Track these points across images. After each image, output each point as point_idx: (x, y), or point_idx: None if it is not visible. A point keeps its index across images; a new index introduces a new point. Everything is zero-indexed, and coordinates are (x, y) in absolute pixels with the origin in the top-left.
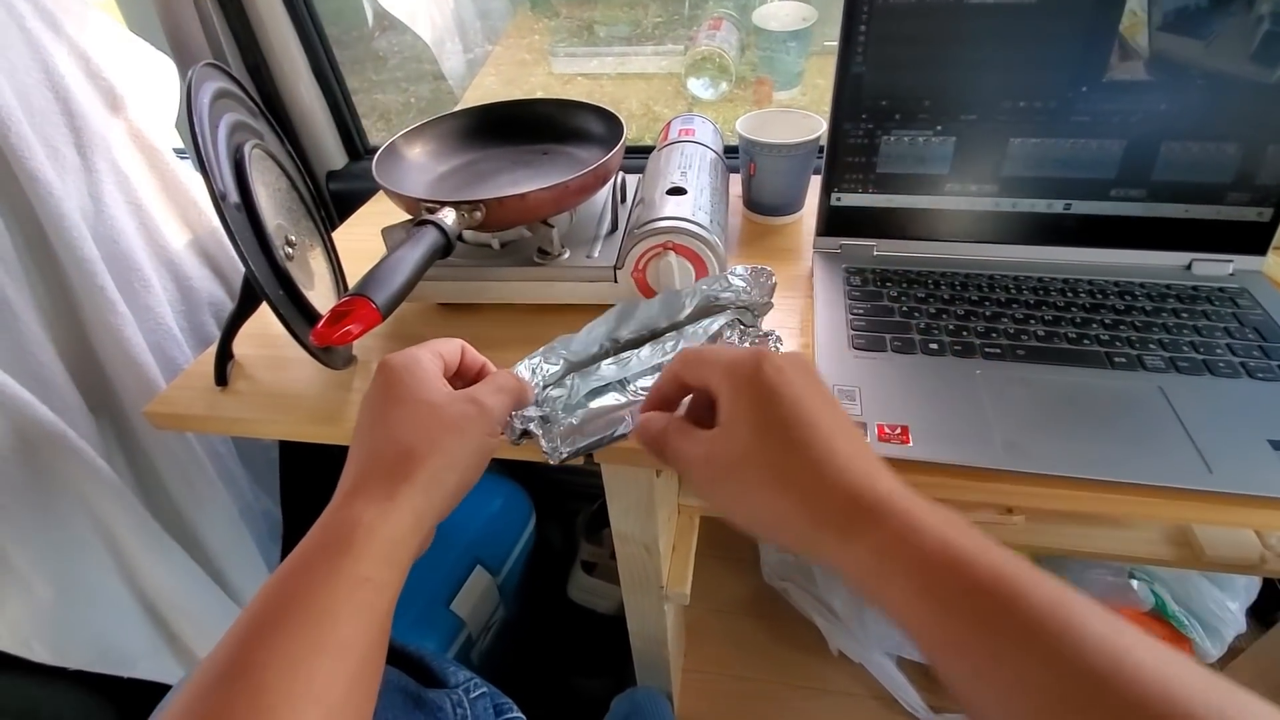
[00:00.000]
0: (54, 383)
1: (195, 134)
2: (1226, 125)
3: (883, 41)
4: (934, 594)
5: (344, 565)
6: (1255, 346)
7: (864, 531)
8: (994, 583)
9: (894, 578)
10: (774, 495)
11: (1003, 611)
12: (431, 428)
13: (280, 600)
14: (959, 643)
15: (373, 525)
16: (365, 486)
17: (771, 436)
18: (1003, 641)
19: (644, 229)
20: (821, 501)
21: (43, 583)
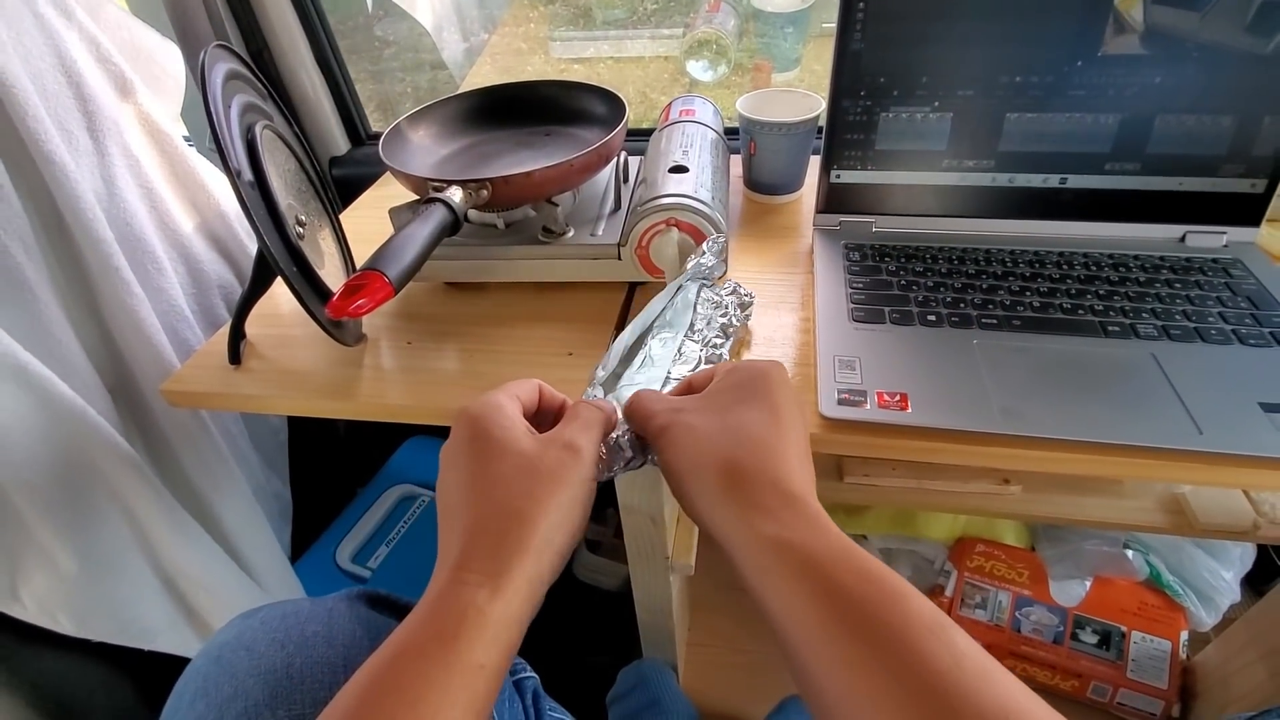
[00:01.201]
0: (73, 362)
1: (210, 112)
2: (1221, 98)
3: (881, 18)
4: (821, 579)
5: (456, 651)
6: (1247, 315)
7: (772, 514)
8: (879, 581)
9: (787, 558)
10: (705, 467)
11: (883, 607)
12: (532, 485)
13: (387, 685)
14: (834, 629)
15: (486, 607)
16: (472, 561)
17: (731, 417)
18: (877, 635)
19: (647, 206)
20: (744, 483)
21: (66, 557)
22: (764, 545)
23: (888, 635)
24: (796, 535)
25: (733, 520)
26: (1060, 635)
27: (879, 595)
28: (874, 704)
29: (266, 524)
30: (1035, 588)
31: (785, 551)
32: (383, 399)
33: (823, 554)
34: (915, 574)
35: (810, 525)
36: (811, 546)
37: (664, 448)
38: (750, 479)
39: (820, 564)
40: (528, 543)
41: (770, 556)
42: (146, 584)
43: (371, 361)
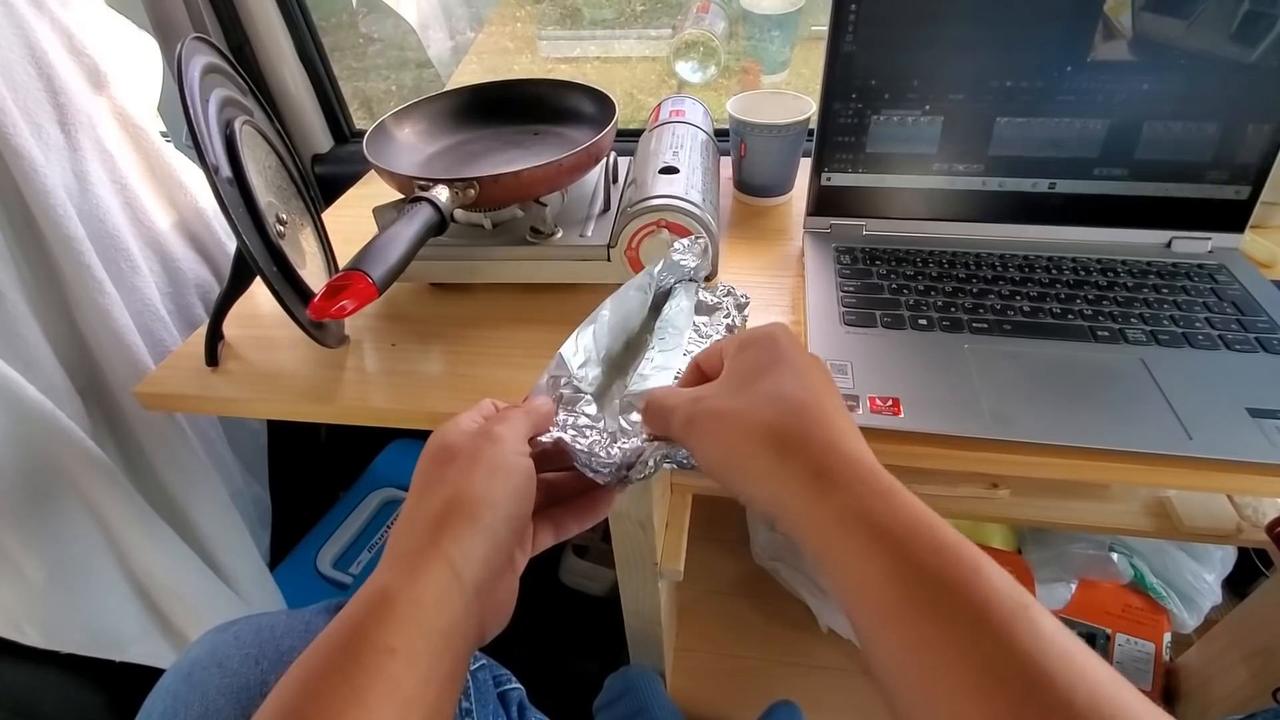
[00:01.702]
0: (41, 363)
1: (186, 106)
2: (1207, 105)
3: (873, 21)
4: (894, 552)
5: (366, 638)
6: (1233, 320)
7: (838, 484)
8: (955, 556)
9: (858, 531)
10: (749, 441)
11: (961, 584)
12: (452, 472)
13: (305, 686)
14: (909, 607)
15: (398, 589)
16: (394, 551)
17: (761, 387)
18: (957, 614)
19: (637, 207)
20: (797, 450)
21: (34, 565)
22: (831, 518)
23: (967, 616)
24: (865, 505)
25: (794, 493)
26: None
27: (955, 572)
28: (950, 689)
29: (244, 529)
30: None
31: (854, 524)
32: (366, 402)
33: (894, 526)
34: None
35: (878, 492)
36: (882, 518)
37: (696, 442)
38: (803, 445)
39: (892, 537)
40: (444, 525)
41: (838, 530)
42: (118, 593)
43: (354, 364)
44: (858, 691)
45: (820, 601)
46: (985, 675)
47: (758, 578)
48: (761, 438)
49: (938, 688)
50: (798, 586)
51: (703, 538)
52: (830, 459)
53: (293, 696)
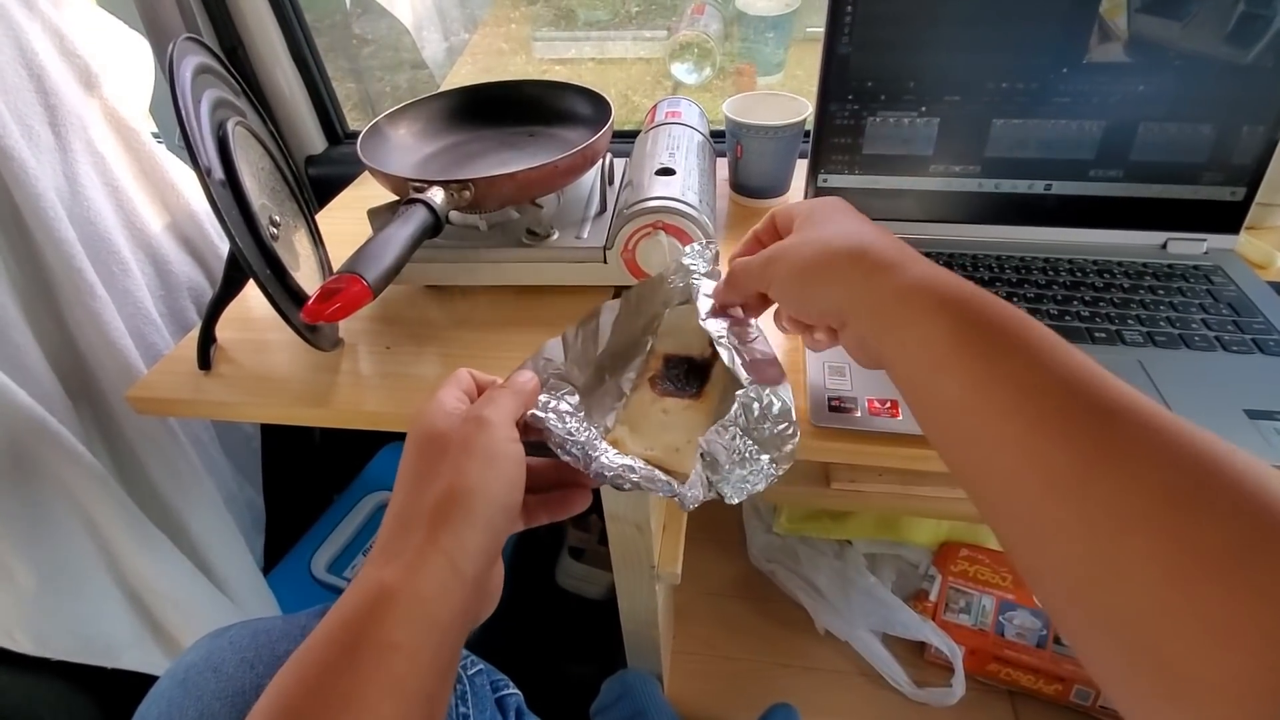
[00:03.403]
0: (31, 367)
1: (179, 107)
2: (1202, 106)
3: (869, 22)
4: (952, 312)
5: (367, 633)
6: (1229, 321)
7: (896, 273)
8: (1008, 311)
9: (919, 298)
10: (821, 256)
11: (1008, 331)
12: (444, 461)
13: (302, 683)
14: (963, 355)
15: (397, 583)
16: (389, 545)
17: (830, 224)
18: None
19: (634, 209)
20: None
21: (24, 571)
22: (895, 294)
23: (1013, 353)
24: (927, 279)
25: (863, 286)
26: (1044, 639)
27: (1006, 323)
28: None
29: (238, 534)
30: (1018, 592)
31: (915, 294)
32: (360, 406)
33: (952, 293)
34: (899, 579)
35: (935, 273)
36: (941, 288)
37: (774, 273)
38: (870, 252)
39: (951, 301)
40: (440, 517)
41: (899, 303)
42: (110, 599)
43: (349, 367)
44: (855, 694)
45: (817, 603)
46: (1029, 393)
47: (754, 580)
48: (834, 253)
49: (989, 418)
50: (794, 589)
51: (699, 540)
52: (893, 257)
53: (291, 694)
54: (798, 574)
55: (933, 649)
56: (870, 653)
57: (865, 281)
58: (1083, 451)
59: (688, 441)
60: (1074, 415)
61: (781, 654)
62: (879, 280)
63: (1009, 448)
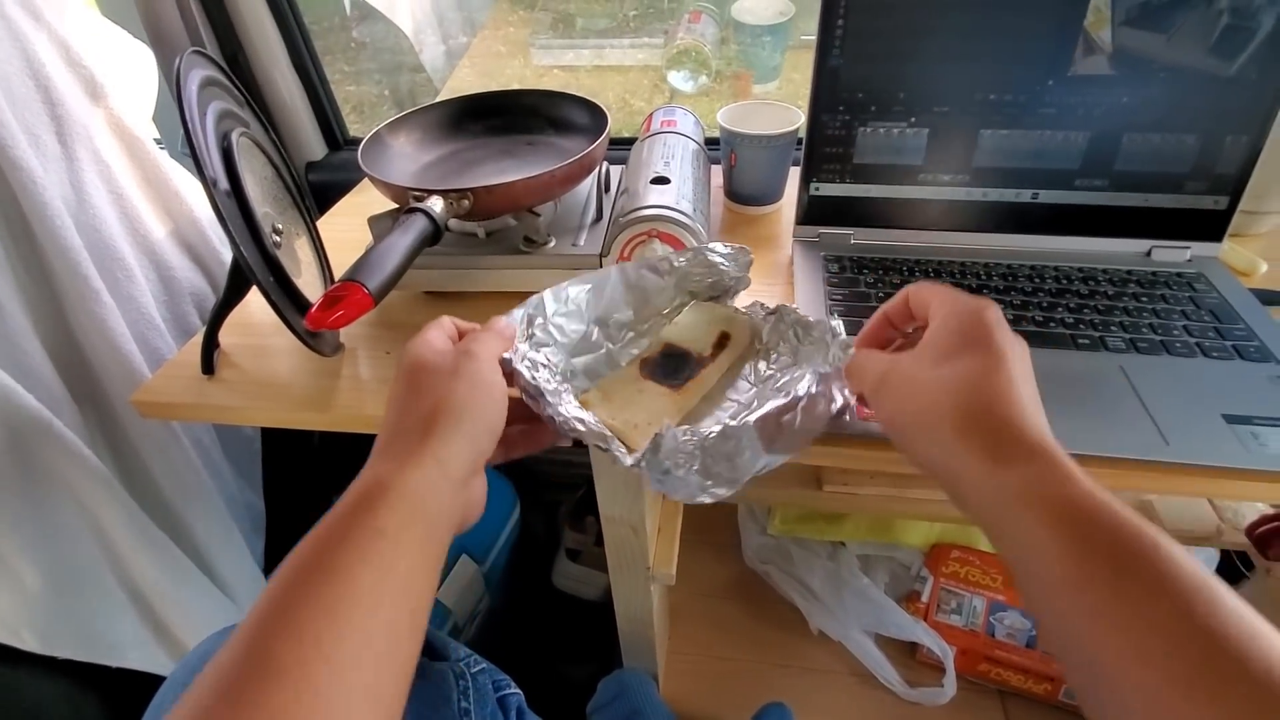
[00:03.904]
0: (38, 372)
1: (185, 120)
2: (1186, 117)
3: (859, 35)
4: (1074, 528)
5: (358, 520)
6: (1211, 328)
7: (1018, 460)
8: (1136, 532)
9: (1037, 507)
10: (933, 411)
11: (1140, 558)
12: (435, 383)
13: (299, 564)
14: (1085, 578)
15: (389, 479)
16: (380, 455)
17: (959, 364)
18: (1134, 584)
19: (629, 217)
20: (980, 425)
21: (31, 572)
22: (1009, 493)
23: (1145, 587)
24: (1046, 483)
25: (970, 466)
26: (1033, 640)
27: (1136, 546)
28: (1128, 656)
29: (239, 536)
30: (1009, 593)
31: (1034, 500)
32: (361, 410)
33: (1075, 503)
34: (892, 580)
35: (1060, 473)
36: (1063, 495)
37: (883, 399)
38: (988, 422)
39: (1073, 514)
40: (430, 428)
41: (1017, 504)
42: (114, 599)
43: (349, 372)
44: (848, 693)
45: (810, 604)
46: (1163, 641)
47: (749, 581)
48: (947, 409)
49: (1114, 655)
50: (789, 590)
51: (694, 541)
52: (1013, 435)
53: (291, 569)
54: (791, 575)
55: (924, 649)
56: (863, 653)
57: (971, 463)
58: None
59: (648, 423)
60: (1218, 678)
61: (775, 654)
62: (986, 469)
63: (1138, 695)
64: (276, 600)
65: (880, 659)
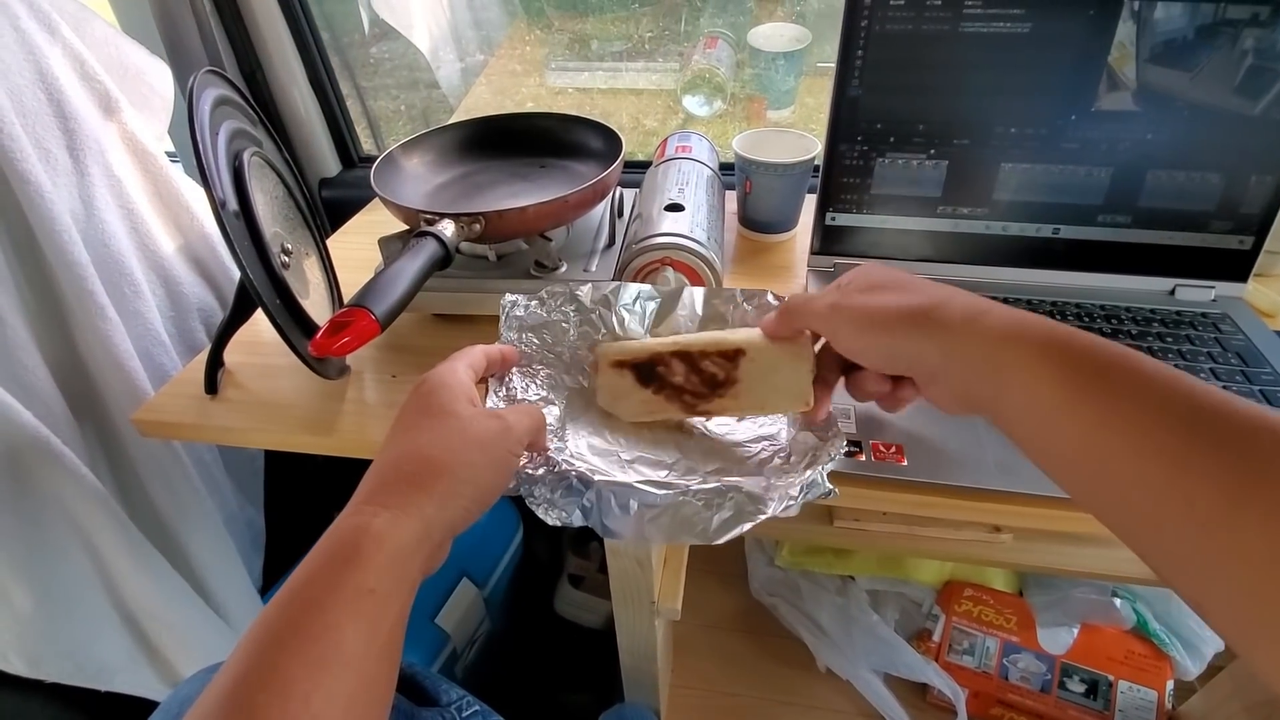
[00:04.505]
0: (39, 388)
1: (196, 141)
2: (1210, 155)
3: (879, 67)
4: (1060, 356)
5: (349, 576)
6: (1237, 371)
7: (991, 317)
8: (1110, 349)
9: (1021, 344)
10: (902, 308)
11: (1120, 370)
12: (454, 440)
13: (283, 615)
14: (1079, 398)
15: (382, 534)
16: (379, 494)
17: (896, 276)
18: (1120, 395)
19: (642, 244)
20: (949, 303)
21: (21, 592)
22: (995, 341)
23: (1130, 394)
24: (1021, 323)
25: (951, 341)
26: (1048, 684)
27: (1120, 356)
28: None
29: (237, 557)
30: (1023, 634)
31: (1018, 339)
32: (364, 435)
33: (1056, 332)
34: (903, 617)
35: (1025, 314)
36: (1043, 328)
37: (838, 324)
38: (947, 306)
39: (1057, 340)
40: (432, 486)
41: (1001, 348)
42: (106, 622)
43: (354, 395)
44: None
45: (818, 640)
46: (1152, 432)
47: (756, 614)
48: (917, 304)
49: (1116, 461)
50: (796, 624)
51: (700, 571)
52: (974, 306)
53: (273, 622)
54: (799, 609)
55: (935, 691)
56: (872, 693)
57: (953, 331)
58: (1224, 485)
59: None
60: (1207, 449)
61: (781, 691)
62: (969, 330)
63: (1144, 489)
64: (262, 652)
65: (889, 700)
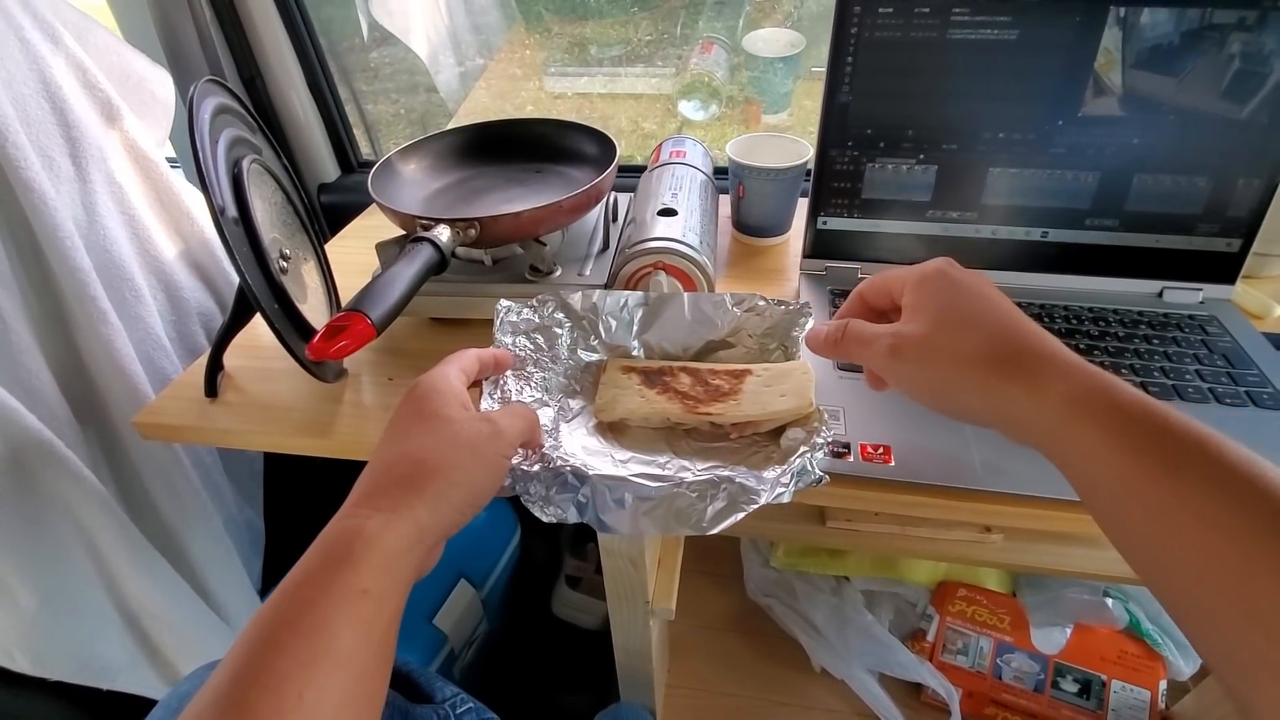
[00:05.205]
0: (42, 391)
1: (196, 150)
2: (1197, 159)
3: (868, 73)
4: (1125, 436)
5: (342, 577)
6: (1223, 373)
7: (1053, 381)
8: (1185, 429)
9: (1085, 421)
10: (959, 364)
11: (1194, 455)
12: (445, 443)
13: (278, 614)
14: (1145, 482)
15: (374, 536)
16: (372, 497)
17: (953, 314)
18: (1190, 482)
19: (635, 249)
20: (1007, 361)
21: (26, 592)
22: (1058, 404)
23: (1200, 464)
24: (1087, 388)
25: (1017, 397)
26: (1041, 683)
27: (1184, 429)
28: (1197, 552)
29: (237, 558)
30: (1016, 634)
31: (1081, 403)
32: (362, 437)
33: (1118, 398)
34: (897, 617)
35: (1095, 378)
36: (1106, 394)
37: (902, 369)
38: (1013, 358)
39: (1119, 407)
40: (424, 489)
41: (1067, 412)
42: (108, 621)
43: (352, 397)
44: None
45: (813, 640)
46: (1228, 535)
47: (751, 614)
48: (973, 360)
49: (1179, 545)
50: (791, 625)
51: (696, 572)
52: (1040, 359)
53: (267, 621)
54: (794, 609)
55: (930, 691)
56: (866, 693)
57: (1013, 396)
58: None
59: (611, 402)
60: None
61: (777, 691)
62: (1028, 396)
63: (1207, 579)
64: (256, 650)
65: (884, 699)
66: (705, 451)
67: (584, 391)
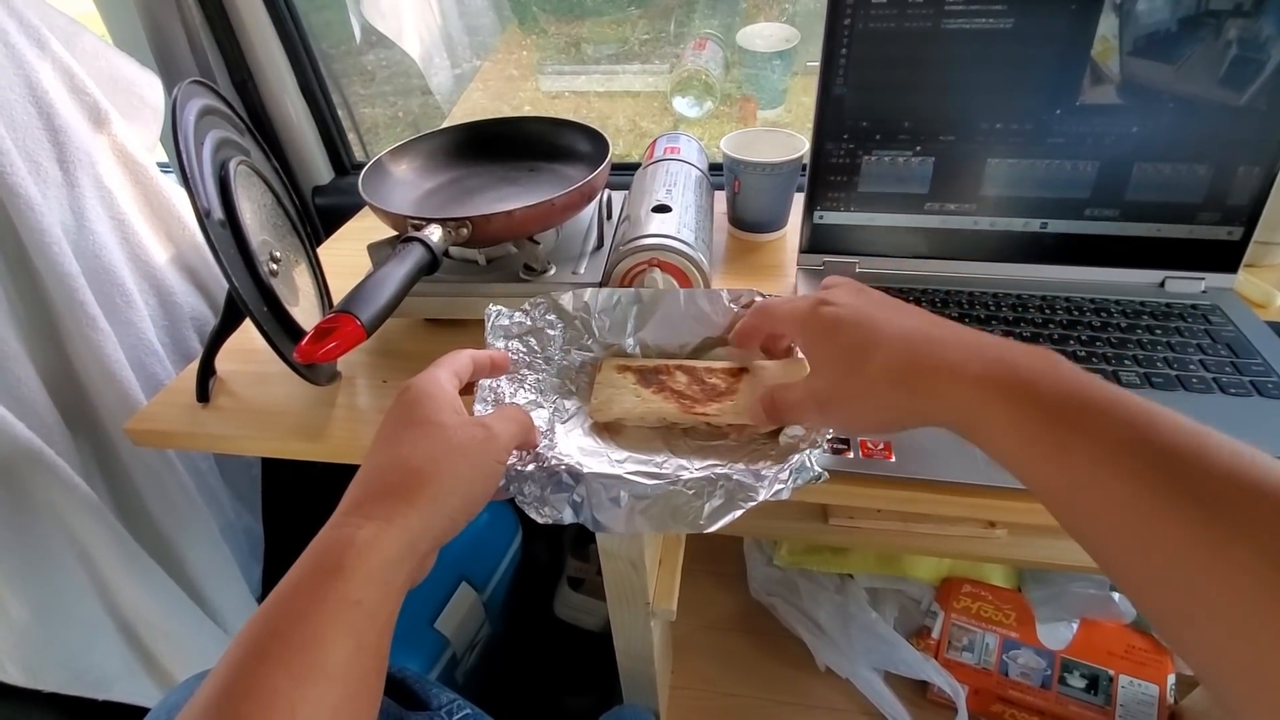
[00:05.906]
0: (31, 399)
1: (180, 151)
2: (1197, 147)
3: (863, 64)
4: (1031, 408)
5: (334, 588)
6: (1227, 363)
7: (960, 373)
8: (1080, 389)
9: (993, 402)
10: (873, 395)
11: (1094, 410)
12: (437, 449)
13: (268, 626)
14: (1060, 451)
15: (366, 546)
16: (363, 505)
17: (845, 357)
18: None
19: (629, 246)
20: (908, 375)
21: (18, 603)
22: (967, 390)
23: (1112, 426)
24: (991, 370)
25: (929, 410)
26: (1048, 679)
27: (1098, 394)
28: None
29: (234, 564)
30: (1022, 630)
31: (988, 385)
32: (357, 440)
33: (1024, 374)
34: (901, 614)
35: (984, 347)
36: (1006, 369)
37: (837, 422)
38: (915, 372)
39: (1022, 382)
40: (416, 497)
41: (976, 396)
42: (103, 631)
43: (346, 401)
44: None
45: (817, 639)
46: (1127, 478)
47: (754, 613)
48: (880, 389)
49: (1093, 514)
50: (794, 623)
51: (698, 572)
52: (933, 373)
53: (258, 633)
54: (798, 608)
55: (935, 688)
56: (871, 691)
57: (925, 406)
58: (1202, 540)
59: (606, 402)
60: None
61: (781, 690)
62: (934, 403)
63: (1123, 539)
64: (247, 663)
65: (889, 697)
66: (703, 450)
67: (579, 392)
